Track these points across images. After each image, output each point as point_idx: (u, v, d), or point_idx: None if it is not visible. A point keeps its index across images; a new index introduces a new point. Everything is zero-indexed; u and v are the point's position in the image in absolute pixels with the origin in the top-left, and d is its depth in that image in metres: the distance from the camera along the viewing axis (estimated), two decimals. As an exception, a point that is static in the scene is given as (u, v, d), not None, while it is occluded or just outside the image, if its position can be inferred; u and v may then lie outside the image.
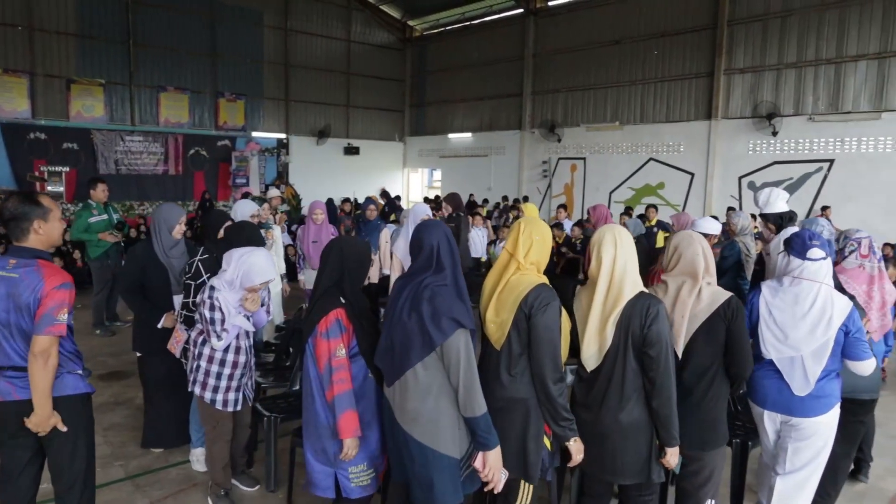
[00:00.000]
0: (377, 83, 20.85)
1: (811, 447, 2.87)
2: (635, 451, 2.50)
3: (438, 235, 2.39)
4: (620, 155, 15.75)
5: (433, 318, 2.26)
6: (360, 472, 2.57)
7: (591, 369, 2.51)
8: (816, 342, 2.76)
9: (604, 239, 2.52)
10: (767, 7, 12.67)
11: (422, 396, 2.31)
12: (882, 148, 11.48)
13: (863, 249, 3.46)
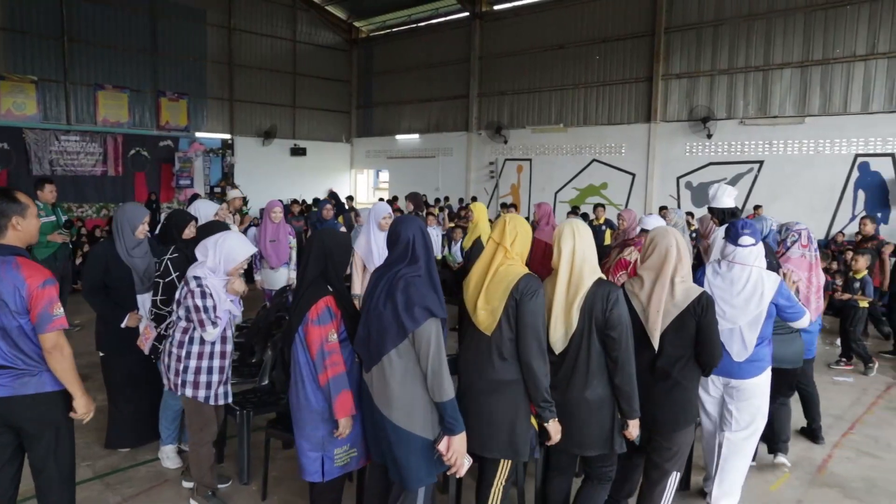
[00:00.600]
0: (323, 84, 20.74)
1: (751, 406, 3.27)
2: (600, 425, 2.71)
3: (414, 229, 2.54)
4: (565, 156, 16.20)
5: (406, 306, 2.40)
6: (343, 453, 2.71)
7: (559, 352, 2.70)
8: (751, 315, 3.16)
9: (563, 232, 2.74)
10: (701, 16, 13.34)
11: (397, 381, 2.45)
12: (805, 150, 12.27)
13: (803, 240, 3.96)
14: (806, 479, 3.93)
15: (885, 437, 4.61)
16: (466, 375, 2.60)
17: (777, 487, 3.79)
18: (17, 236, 2.53)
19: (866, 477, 3.99)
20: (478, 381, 2.59)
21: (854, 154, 11.78)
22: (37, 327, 2.46)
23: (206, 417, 3.29)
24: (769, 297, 3.17)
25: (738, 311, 3.17)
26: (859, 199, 11.74)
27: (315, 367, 2.61)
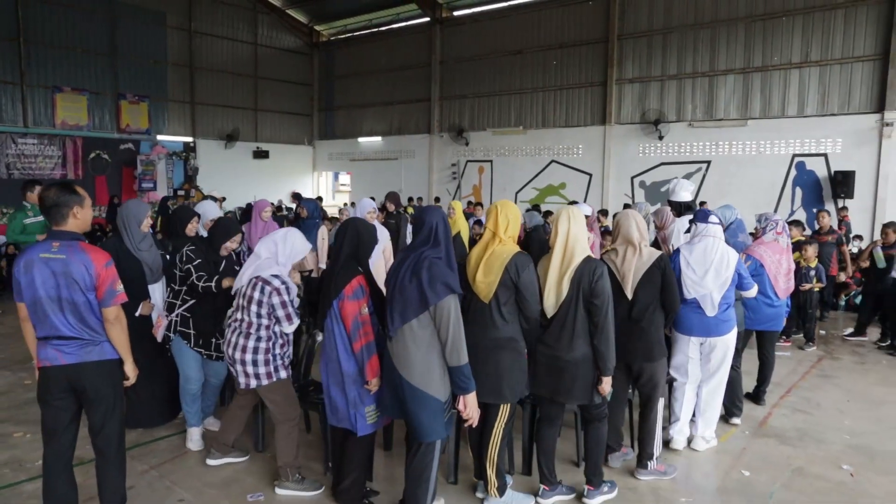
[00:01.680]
0: (285, 87, 20.90)
1: (718, 358, 4.08)
2: (584, 379, 3.25)
3: (437, 217, 3.02)
4: (525, 157, 16.82)
5: (430, 283, 2.84)
6: (371, 412, 3.17)
7: (550, 316, 3.24)
8: (720, 279, 3.92)
9: (560, 216, 3.30)
10: (651, 25, 14.14)
11: (417, 347, 2.89)
12: (748, 151, 13.18)
13: (778, 228, 4.91)
14: (750, 432, 4.55)
15: (815, 398, 5.30)
16: (472, 337, 3.06)
17: (726, 438, 4.40)
18: (76, 224, 2.87)
19: (799, 428, 4.64)
20: (482, 340, 3.09)
21: (792, 154, 12.71)
22: (102, 302, 2.81)
23: (292, 396, 3.57)
24: (734, 265, 3.96)
25: (710, 277, 3.91)
26: (797, 196, 12.68)
27: (350, 337, 3.03)
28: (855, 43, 11.96)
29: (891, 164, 11.64)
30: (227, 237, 3.97)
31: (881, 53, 11.63)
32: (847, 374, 6.07)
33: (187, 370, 4.05)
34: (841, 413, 4.98)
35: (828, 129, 12.27)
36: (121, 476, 3.02)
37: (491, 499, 3.36)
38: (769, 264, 4.80)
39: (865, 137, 11.90)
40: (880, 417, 4.91)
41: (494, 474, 3.31)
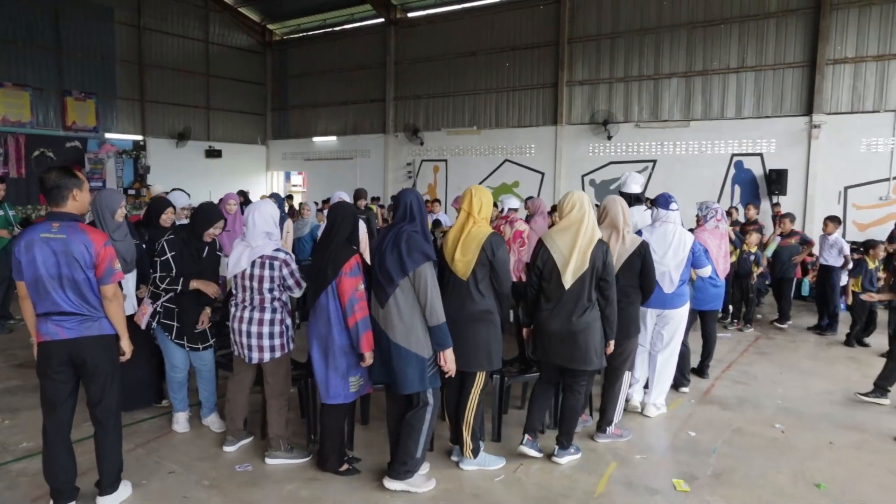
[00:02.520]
0: (238, 86, 20.70)
1: (672, 329, 4.54)
2: (593, 344, 3.63)
3: (412, 196, 3.37)
4: (479, 157, 17.19)
5: (408, 252, 3.20)
6: (356, 381, 3.45)
7: (568, 287, 3.58)
8: (678, 259, 4.38)
9: (584, 199, 3.70)
10: (599, 29, 14.73)
11: (399, 312, 3.24)
12: (690, 150, 13.89)
13: (718, 215, 5.46)
14: (696, 400, 5.04)
15: (752, 372, 5.85)
16: (451, 311, 3.37)
17: (675, 406, 4.84)
18: (75, 206, 3.02)
19: (738, 396, 5.14)
20: (460, 314, 3.40)
21: (731, 154, 13.48)
22: (101, 279, 2.97)
23: (288, 370, 3.77)
24: (689, 246, 4.48)
25: (669, 257, 4.40)
26: (736, 193, 13.44)
27: (345, 312, 3.29)
28: (786, 50, 12.79)
29: (819, 164, 12.49)
30: (209, 224, 4.09)
31: (809, 61, 12.48)
32: (780, 350, 6.65)
33: (173, 359, 4.15)
34: (774, 383, 5.51)
35: (763, 131, 13.07)
36: (119, 445, 3.19)
37: (466, 460, 3.67)
38: (712, 249, 5.28)
39: (796, 138, 12.73)
40: (808, 386, 5.46)
41: (470, 437, 3.63)
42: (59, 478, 3.04)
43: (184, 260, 3.96)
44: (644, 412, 4.62)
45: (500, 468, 3.73)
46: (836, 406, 4.96)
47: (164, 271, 3.96)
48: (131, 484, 3.37)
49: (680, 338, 4.63)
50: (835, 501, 3.43)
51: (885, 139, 11.92)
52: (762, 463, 3.89)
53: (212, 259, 4.15)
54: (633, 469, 3.80)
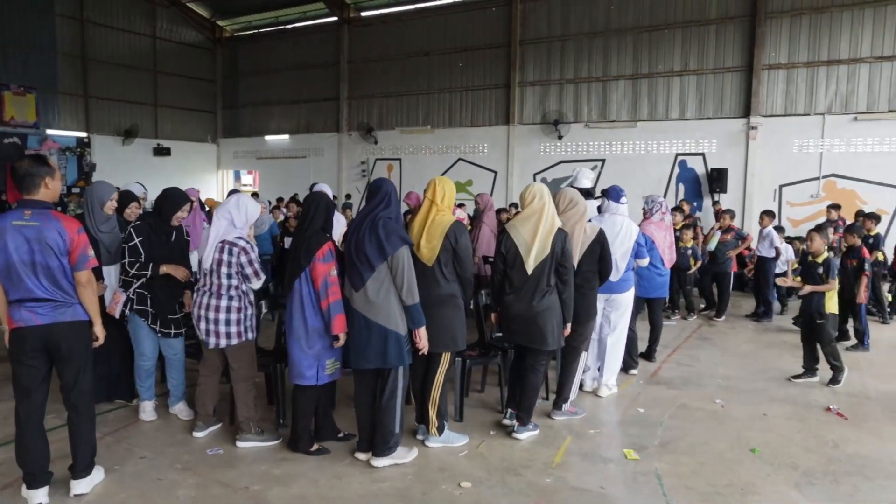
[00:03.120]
0: (187, 83, 20.31)
1: (620, 313, 4.84)
2: (551, 326, 3.88)
3: (390, 185, 3.59)
4: (433, 155, 17.39)
5: (387, 237, 3.38)
6: (331, 364, 3.61)
7: (531, 272, 3.83)
8: (623, 249, 4.68)
9: (543, 190, 3.95)
10: (550, 32, 15.14)
11: (377, 294, 3.44)
12: (638, 150, 14.44)
13: (663, 208, 5.84)
14: (644, 381, 5.38)
15: (695, 355, 6.25)
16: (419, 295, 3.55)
17: (625, 387, 5.16)
18: (47, 193, 3.06)
19: (682, 376, 5.52)
20: (428, 298, 3.61)
21: (675, 153, 14.07)
22: (75, 266, 3.02)
23: (252, 356, 3.84)
24: (634, 238, 4.80)
25: (616, 246, 4.64)
26: (680, 191, 14.05)
27: (318, 296, 3.44)
28: (725, 55, 13.45)
29: (756, 163, 13.18)
30: (176, 207, 4.15)
31: (746, 66, 13.16)
32: (721, 336, 7.10)
33: (142, 347, 4.19)
34: (715, 364, 5.91)
35: (705, 131, 13.70)
36: (92, 430, 3.24)
37: (431, 437, 3.87)
38: (658, 240, 5.62)
39: (735, 139, 13.40)
40: (745, 366, 5.88)
41: (435, 416, 3.83)
42: (33, 462, 3.08)
43: (152, 245, 4.02)
44: (597, 393, 4.90)
45: (464, 444, 3.93)
46: (771, 383, 5.37)
47: (133, 257, 4.00)
48: (104, 469, 3.42)
49: (627, 321, 4.93)
50: (767, 463, 3.76)
51: (815, 140, 12.68)
52: (704, 433, 4.22)
53: (180, 243, 4.22)
54: (588, 442, 4.06)
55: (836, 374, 5.33)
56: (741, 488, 3.43)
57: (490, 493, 3.35)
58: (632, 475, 3.59)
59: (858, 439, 4.14)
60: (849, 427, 4.37)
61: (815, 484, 3.50)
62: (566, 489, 3.41)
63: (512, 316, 3.94)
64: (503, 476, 3.54)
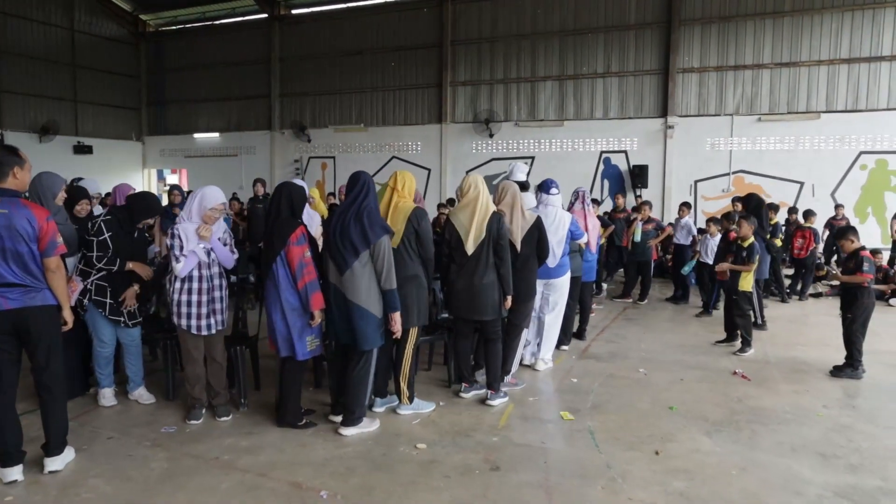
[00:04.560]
0: (109, 78, 19.60)
1: (557, 295, 5.28)
2: (492, 299, 4.32)
3: (367, 176, 3.92)
4: (367, 154, 17.57)
5: (371, 226, 3.71)
6: (311, 341, 3.89)
7: (471, 253, 4.27)
8: (558, 236, 5.12)
9: (477, 179, 4.40)
10: (480, 33, 15.65)
11: (360, 278, 3.75)
12: (565, 148, 15.16)
13: (581, 199, 6.56)
14: (576, 356, 5.90)
15: (622, 333, 6.86)
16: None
17: (560, 361, 5.65)
18: (16, 183, 3.17)
19: (610, 351, 6.08)
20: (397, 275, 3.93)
21: (600, 151, 14.87)
22: (44, 252, 3.14)
23: (188, 344, 4.00)
24: (567, 225, 5.27)
25: (551, 234, 5.03)
26: (605, 186, 14.86)
27: (294, 277, 3.71)
28: (644, 59, 14.34)
29: (673, 160, 14.14)
30: (150, 214, 4.32)
31: (663, 69, 14.09)
32: (644, 317, 7.76)
33: (101, 335, 4.28)
34: (639, 340, 6.51)
35: (627, 130, 14.57)
36: (65, 409, 3.38)
37: (403, 406, 4.27)
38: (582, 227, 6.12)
39: (654, 137, 14.32)
40: (666, 341, 6.51)
41: (406, 386, 4.24)
42: (7, 441, 3.18)
43: (120, 240, 4.14)
44: (535, 367, 5.36)
45: (432, 410, 4.35)
46: (687, 354, 6.00)
47: (102, 251, 4.10)
48: (73, 449, 3.54)
49: (564, 302, 5.40)
50: (683, 417, 4.30)
51: (725, 139, 13.75)
52: (629, 396, 4.73)
53: (142, 241, 4.37)
54: (528, 407, 4.49)
55: (744, 346, 6.04)
56: (661, 437, 3.94)
57: (444, 451, 3.70)
58: (568, 432, 4.04)
59: (758, 395, 4.77)
60: (751, 386, 5.00)
61: (722, 431, 4.06)
62: (511, 445, 3.81)
63: (457, 291, 4.38)
64: (454, 437, 3.91)
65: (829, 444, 3.87)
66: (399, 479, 3.34)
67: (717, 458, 3.66)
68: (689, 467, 3.52)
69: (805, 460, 3.62)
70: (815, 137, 13.04)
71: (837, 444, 3.87)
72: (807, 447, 3.81)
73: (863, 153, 12.76)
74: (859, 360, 5.30)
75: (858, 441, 3.90)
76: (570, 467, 3.52)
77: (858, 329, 5.31)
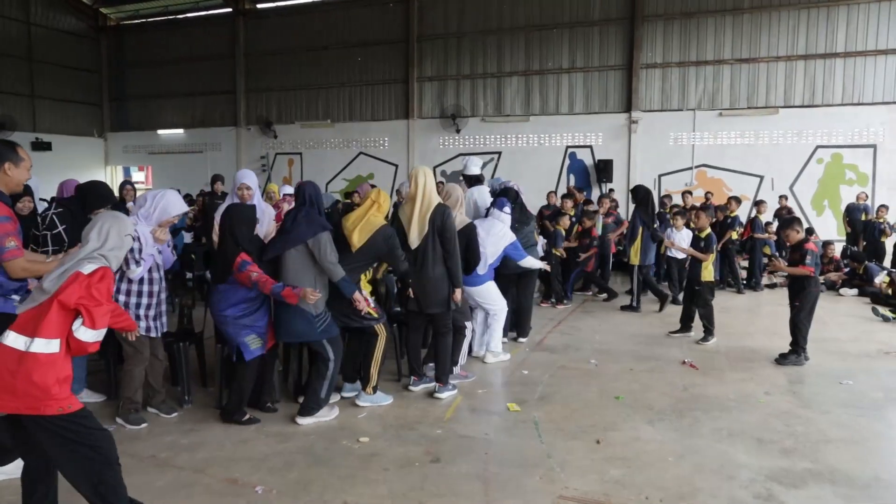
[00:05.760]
0: (68, 73, 19.13)
1: (488, 298, 5.26)
2: (442, 292, 4.36)
3: (311, 188, 4.05)
4: (334, 150, 17.45)
5: (309, 225, 3.86)
6: (251, 340, 3.91)
7: (415, 247, 4.32)
8: (495, 248, 5.14)
9: (419, 172, 4.40)
10: (447, 28, 15.63)
11: (295, 275, 3.85)
12: (531, 143, 15.23)
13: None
14: (530, 349, 5.93)
15: (577, 326, 6.93)
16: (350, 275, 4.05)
17: (515, 353, 5.68)
18: (4, 180, 3.03)
19: (564, 343, 6.14)
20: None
21: (566, 146, 14.97)
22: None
23: (133, 345, 3.87)
24: (507, 242, 5.26)
25: (489, 244, 5.08)
26: (571, 181, 14.96)
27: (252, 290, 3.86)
28: (608, 54, 14.47)
29: (638, 154, 14.30)
30: (101, 202, 4.20)
31: (626, 64, 14.23)
32: (601, 310, 7.86)
33: None
34: (594, 332, 6.58)
35: (592, 125, 14.68)
36: None
37: (363, 396, 4.35)
38: None
39: (619, 132, 14.46)
40: (620, 332, 6.59)
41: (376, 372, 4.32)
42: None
43: (75, 233, 4.01)
44: (484, 360, 5.39)
45: (389, 404, 4.37)
46: (640, 345, 6.08)
47: (57, 245, 4.01)
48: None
49: (492, 304, 5.28)
50: (628, 407, 4.35)
51: (688, 134, 13.94)
52: (578, 387, 4.78)
53: None
54: (476, 399, 4.51)
55: (707, 335, 6.16)
56: (603, 427, 3.98)
57: (386, 444, 3.69)
58: (513, 423, 4.06)
59: (704, 383, 4.86)
60: (698, 375, 5.09)
61: (665, 419, 4.12)
62: (455, 437, 3.82)
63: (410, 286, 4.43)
64: (398, 431, 3.90)
65: (766, 429, 3.95)
66: (337, 473, 3.32)
67: (657, 445, 3.71)
68: (627, 455, 3.56)
69: (741, 445, 3.69)
70: (773, 132, 13.29)
71: (774, 429, 3.95)
72: (745, 433, 3.88)
73: (819, 147, 13.05)
74: (804, 346, 5.42)
75: (794, 426, 3.99)
76: (510, 457, 3.54)
77: (805, 317, 5.43)
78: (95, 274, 2.46)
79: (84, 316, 2.41)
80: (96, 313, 2.43)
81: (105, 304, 2.48)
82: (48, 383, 2.35)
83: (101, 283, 2.47)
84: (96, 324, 2.43)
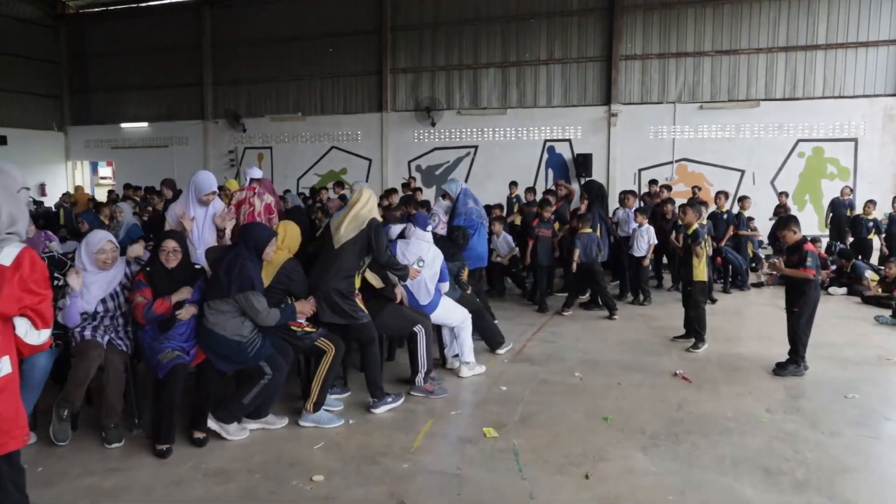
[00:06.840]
0: (24, 63, 18.20)
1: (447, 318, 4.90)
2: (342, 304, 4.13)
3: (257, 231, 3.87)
4: (305, 143, 16.85)
5: (238, 278, 3.61)
6: (164, 355, 3.60)
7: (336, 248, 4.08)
8: (431, 271, 4.67)
9: (364, 191, 4.29)
10: (421, 19, 15.09)
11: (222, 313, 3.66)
12: (508, 136, 14.78)
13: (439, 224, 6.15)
14: (508, 360, 5.45)
15: (559, 332, 6.45)
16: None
17: (492, 364, 5.21)
18: None
19: (545, 353, 5.67)
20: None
21: (544, 139, 14.55)
22: None
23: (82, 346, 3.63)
24: (440, 262, 4.76)
25: (426, 267, 4.61)
26: (549, 175, 14.55)
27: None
28: (587, 45, 14.06)
29: (617, 148, 13.93)
30: None
31: (606, 56, 13.83)
32: (583, 312, 7.39)
33: None
34: (577, 339, 6.13)
35: (570, 118, 14.27)
36: None
37: (304, 415, 3.93)
38: None
39: (598, 126, 14.08)
40: (605, 339, 6.14)
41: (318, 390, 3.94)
42: None
43: None
44: (459, 374, 4.91)
45: (337, 426, 3.92)
46: (626, 353, 5.64)
47: None
48: None
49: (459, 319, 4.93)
50: (618, 430, 3.90)
51: (668, 127, 13.60)
52: (562, 405, 4.32)
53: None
54: (448, 423, 4.03)
55: (698, 341, 5.74)
56: (593, 456, 3.53)
57: (344, 483, 3.20)
58: (490, 453, 3.58)
59: (698, 399, 4.43)
60: (692, 389, 4.66)
61: (660, 445, 3.68)
62: (423, 473, 3.33)
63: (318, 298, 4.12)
64: (359, 465, 3.40)
65: (773, 455, 3.53)
66: (284, 524, 2.83)
67: (653, 479, 3.27)
68: (621, 493, 3.12)
69: (747, 478, 3.26)
70: (755, 125, 13.02)
71: (782, 456, 3.53)
72: (750, 461, 3.46)
73: (800, 141, 12.80)
74: (803, 355, 5.04)
75: (804, 451, 3.58)
76: (487, 499, 3.07)
77: (805, 324, 5.05)
78: (22, 262, 1.95)
79: (33, 319, 1.98)
80: (45, 310, 2.01)
81: (48, 293, 2.01)
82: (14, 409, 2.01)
83: (34, 271, 1.97)
84: (48, 321, 2.03)
